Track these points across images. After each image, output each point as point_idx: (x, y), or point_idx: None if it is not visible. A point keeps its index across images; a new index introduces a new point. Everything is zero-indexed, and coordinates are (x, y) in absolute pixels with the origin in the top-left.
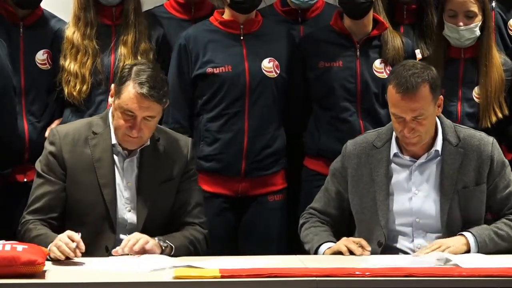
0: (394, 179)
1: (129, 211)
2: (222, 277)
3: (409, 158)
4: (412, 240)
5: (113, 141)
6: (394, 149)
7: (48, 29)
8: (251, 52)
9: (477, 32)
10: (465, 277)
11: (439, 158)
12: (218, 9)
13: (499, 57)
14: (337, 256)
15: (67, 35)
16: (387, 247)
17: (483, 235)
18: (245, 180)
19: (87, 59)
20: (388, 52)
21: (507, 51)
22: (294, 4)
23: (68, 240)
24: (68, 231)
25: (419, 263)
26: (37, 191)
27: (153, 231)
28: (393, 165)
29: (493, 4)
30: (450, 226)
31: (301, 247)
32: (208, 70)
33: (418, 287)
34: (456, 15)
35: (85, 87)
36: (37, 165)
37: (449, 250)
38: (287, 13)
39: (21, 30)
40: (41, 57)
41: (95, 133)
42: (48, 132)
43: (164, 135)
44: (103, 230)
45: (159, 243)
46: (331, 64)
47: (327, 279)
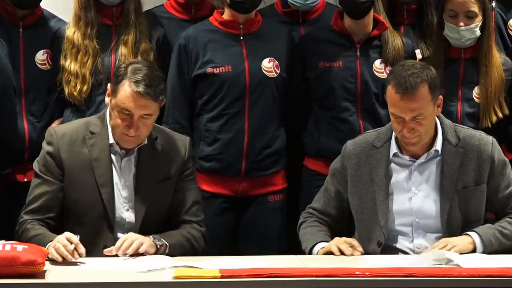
0: (393, 179)
1: (127, 210)
2: (222, 277)
3: (409, 158)
4: (412, 240)
5: (111, 140)
6: (393, 149)
7: (48, 29)
8: (251, 52)
9: (478, 32)
10: (465, 277)
11: (439, 158)
12: (218, 9)
13: (499, 57)
14: (337, 256)
15: (68, 35)
16: (387, 247)
17: (488, 234)
18: (245, 180)
19: (88, 59)
20: (388, 52)
21: (507, 51)
22: (294, 6)
23: (66, 242)
24: (66, 233)
25: (419, 263)
26: (35, 191)
27: (151, 229)
28: (393, 165)
29: (493, 4)
30: (450, 226)
31: (301, 247)
32: (208, 70)
33: (418, 287)
34: (456, 15)
35: (85, 87)
36: (35, 165)
37: (455, 249)
38: (288, 14)
39: (20, 30)
40: (41, 57)
41: (93, 133)
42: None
43: (161, 134)
44: (101, 229)
45: (154, 242)
46: (331, 64)
47: (327, 279)
